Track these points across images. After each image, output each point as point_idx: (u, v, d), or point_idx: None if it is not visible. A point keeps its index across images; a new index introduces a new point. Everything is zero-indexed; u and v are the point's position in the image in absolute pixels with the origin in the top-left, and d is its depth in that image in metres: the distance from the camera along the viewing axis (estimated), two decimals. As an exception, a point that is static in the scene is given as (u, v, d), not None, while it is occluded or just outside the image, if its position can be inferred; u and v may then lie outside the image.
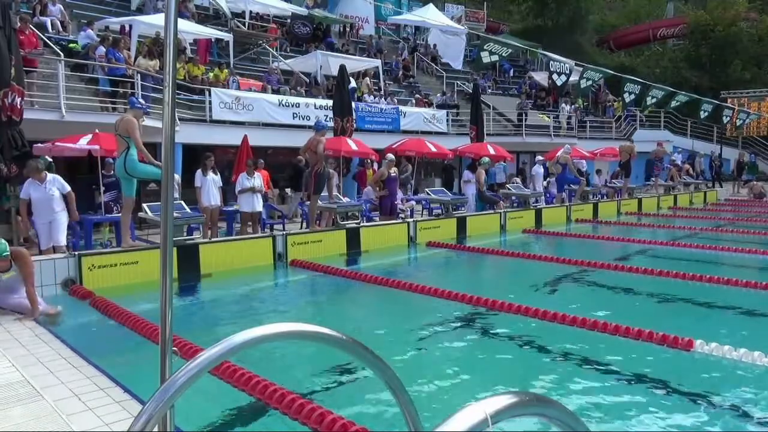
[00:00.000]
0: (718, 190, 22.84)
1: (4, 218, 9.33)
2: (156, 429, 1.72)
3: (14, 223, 8.57)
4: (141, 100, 8.61)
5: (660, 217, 16.22)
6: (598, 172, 19.87)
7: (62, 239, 7.95)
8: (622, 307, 6.89)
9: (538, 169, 16.99)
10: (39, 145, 9.83)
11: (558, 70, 18.58)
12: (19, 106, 8.30)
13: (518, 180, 17.55)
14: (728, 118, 24.94)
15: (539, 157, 17.81)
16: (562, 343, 5.34)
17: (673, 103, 22.65)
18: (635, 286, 7.63)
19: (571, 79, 19.39)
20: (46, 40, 12.89)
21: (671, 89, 22.29)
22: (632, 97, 20.78)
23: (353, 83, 17.27)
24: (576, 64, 19.03)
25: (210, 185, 10.21)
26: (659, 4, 40.92)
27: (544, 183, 17.20)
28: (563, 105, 24.37)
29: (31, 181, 7.84)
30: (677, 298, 7.14)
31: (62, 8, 15.24)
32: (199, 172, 10.27)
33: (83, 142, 9.95)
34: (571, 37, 34.65)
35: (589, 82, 20.35)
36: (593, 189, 16.91)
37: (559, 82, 18.85)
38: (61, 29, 14.56)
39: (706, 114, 23.49)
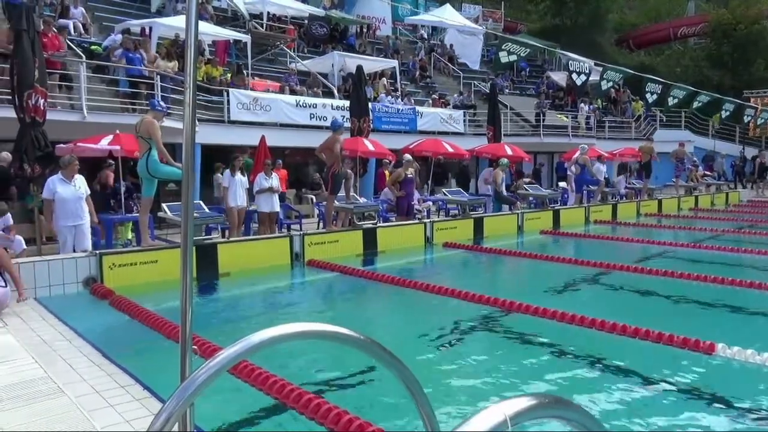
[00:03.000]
0: (740, 191, 22.45)
1: (27, 218, 9.50)
2: (176, 428, 1.74)
3: (37, 222, 8.70)
4: (162, 103, 8.69)
5: (681, 219, 15.99)
6: (622, 170, 19.51)
7: (88, 245, 7.88)
8: (641, 310, 6.81)
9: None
10: (61, 145, 9.99)
11: (577, 70, 18.40)
12: (42, 108, 8.44)
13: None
14: (750, 118, 24.51)
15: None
16: (581, 345, 5.29)
17: (695, 104, 22.32)
18: (655, 289, 7.52)
19: (591, 79, 19.19)
20: (68, 42, 13.10)
21: (693, 89, 21.97)
22: (654, 97, 20.51)
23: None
24: (595, 64, 18.83)
25: (237, 186, 10.27)
26: (680, 2, 40.36)
27: (563, 184, 17.02)
28: (581, 105, 24.15)
29: (60, 178, 7.65)
30: (698, 300, 7.02)
31: (84, 11, 15.49)
32: (227, 172, 10.34)
33: (104, 143, 10.09)
34: (589, 36, 34.32)
35: (610, 84, 20.13)
36: (612, 190, 16.73)
37: (579, 82, 18.65)
38: (83, 31, 14.80)
39: (728, 114, 23.09)
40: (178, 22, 15.13)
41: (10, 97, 8.72)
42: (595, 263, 8.87)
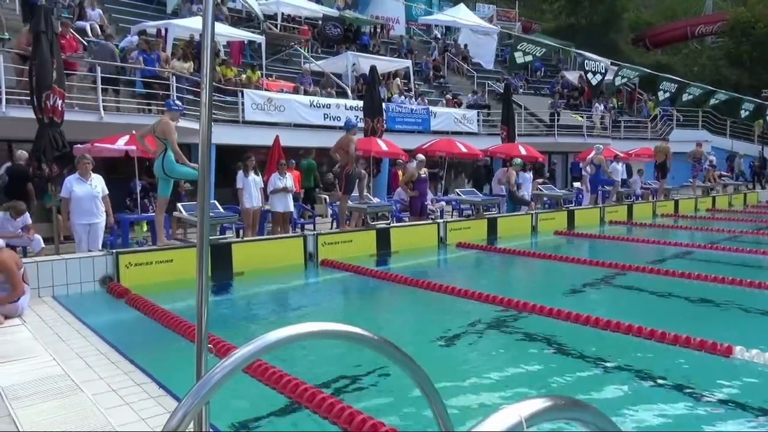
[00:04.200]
0: (759, 192, 22.12)
1: (46, 217, 9.62)
2: (191, 426, 1.75)
3: (55, 221, 8.80)
4: (178, 102, 8.76)
5: (697, 219, 15.79)
6: (639, 172, 19.24)
7: (100, 245, 7.99)
8: (657, 311, 6.74)
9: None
10: (78, 145, 10.11)
11: (593, 69, 18.25)
12: (60, 108, 8.54)
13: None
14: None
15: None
16: (595, 347, 5.25)
17: (712, 101, 22.04)
18: (671, 290, 7.44)
19: (606, 78, 19.02)
20: (85, 43, 13.26)
21: (710, 87, 21.70)
22: (667, 95, 20.32)
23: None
24: (611, 63, 18.66)
25: (251, 186, 10.25)
26: (697, 0, 39.88)
27: (578, 184, 16.89)
28: (596, 104, 23.95)
29: (76, 177, 7.77)
30: (716, 302, 6.93)
31: (101, 13, 15.67)
32: (240, 173, 10.25)
33: (121, 143, 10.20)
34: (605, 35, 34.04)
35: (624, 80, 19.95)
36: (627, 190, 16.57)
37: (594, 82, 18.51)
38: (100, 33, 14.96)
39: (747, 113, 22.78)
40: (193, 23, 15.28)
41: (29, 98, 8.83)
42: (610, 264, 8.79)
